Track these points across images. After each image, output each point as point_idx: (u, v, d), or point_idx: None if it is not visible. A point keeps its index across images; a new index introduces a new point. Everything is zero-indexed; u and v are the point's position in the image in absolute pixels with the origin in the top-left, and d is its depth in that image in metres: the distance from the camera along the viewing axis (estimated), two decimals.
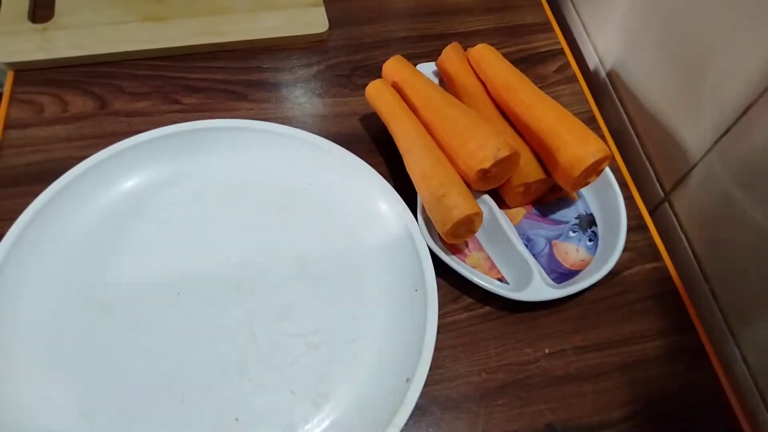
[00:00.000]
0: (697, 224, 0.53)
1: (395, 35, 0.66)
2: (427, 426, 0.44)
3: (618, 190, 0.53)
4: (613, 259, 0.50)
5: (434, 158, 0.49)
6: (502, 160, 0.47)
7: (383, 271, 0.49)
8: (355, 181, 0.52)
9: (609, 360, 0.48)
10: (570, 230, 0.53)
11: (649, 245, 0.54)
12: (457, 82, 0.56)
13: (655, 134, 0.58)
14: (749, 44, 0.45)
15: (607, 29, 0.64)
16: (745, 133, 0.46)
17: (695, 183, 0.53)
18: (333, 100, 0.60)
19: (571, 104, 0.62)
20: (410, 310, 0.46)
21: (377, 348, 0.45)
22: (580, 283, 0.49)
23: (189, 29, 0.62)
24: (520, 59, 0.65)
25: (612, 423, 0.45)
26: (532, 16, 0.69)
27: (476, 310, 0.49)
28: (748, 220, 0.46)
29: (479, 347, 0.48)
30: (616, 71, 0.63)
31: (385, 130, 0.54)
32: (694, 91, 0.51)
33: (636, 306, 0.51)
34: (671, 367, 0.48)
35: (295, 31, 0.64)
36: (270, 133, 0.53)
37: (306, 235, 0.50)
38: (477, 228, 0.48)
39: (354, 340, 0.46)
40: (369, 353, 0.45)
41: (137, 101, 0.58)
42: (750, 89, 0.45)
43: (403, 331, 0.45)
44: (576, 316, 0.50)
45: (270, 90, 0.61)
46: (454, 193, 0.47)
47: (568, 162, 0.48)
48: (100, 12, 0.62)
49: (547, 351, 0.48)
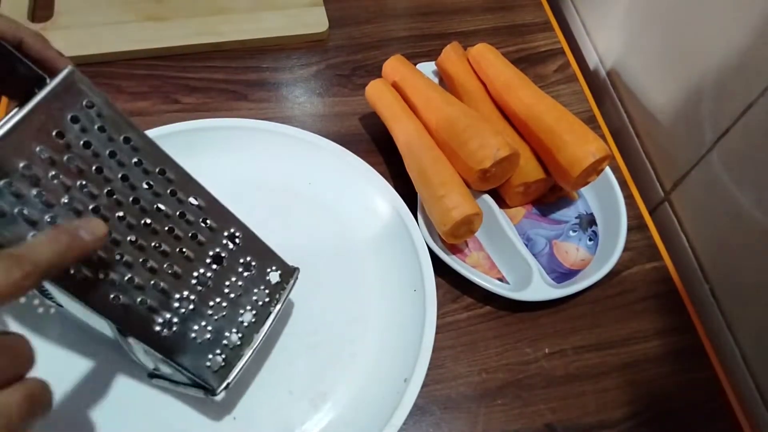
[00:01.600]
0: (697, 224, 0.53)
1: (395, 35, 0.66)
2: (427, 426, 0.44)
3: (618, 189, 0.53)
4: (613, 259, 0.50)
5: (434, 158, 0.49)
6: (501, 160, 0.47)
7: (382, 271, 0.49)
8: (354, 181, 0.52)
9: (609, 360, 0.48)
10: (570, 230, 0.53)
11: (649, 245, 0.54)
12: (457, 82, 0.56)
13: (655, 134, 0.58)
14: (749, 44, 0.45)
15: (607, 29, 0.64)
16: (745, 133, 0.46)
17: (695, 183, 0.53)
18: (333, 100, 0.60)
19: (571, 104, 0.62)
20: (409, 310, 0.46)
21: (375, 348, 0.45)
22: (580, 283, 0.49)
23: (188, 29, 0.62)
24: (520, 59, 0.65)
25: (612, 423, 0.45)
26: (532, 16, 0.69)
27: (476, 310, 0.49)
28: (748, 219, 0.46)
29: (479, 347, 0.48)
30: (616, 71, 0.63)
31: (385, 130, 0.54)
32: (694, 90, 0.51)
33: (636, 306, 0.51)
34: (671, 367, 0.48)
35: (295, 31, 0.64)
36: (270, 132, 0.53)
37: (305, 234, 0.50)
38: (477, 228, 0.48)
39: (352, 341, 0.46)
40: (367, 353, 0.45)
41: (137, 101, 0.58)
42: (750, 89, 0.45)
43: (402, 332, 0.45)
44: (576, 315, 0.50)
45: (270, 90, 0.61)
46: (454, 193, 0.47)
47: (568, 161, 0.48)
48: (99, 12, 0.62)
49: (547, 351, 0.48)
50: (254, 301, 0.40)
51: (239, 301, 0.39)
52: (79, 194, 0.33)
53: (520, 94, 0.52)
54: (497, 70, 0.54)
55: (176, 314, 0.36)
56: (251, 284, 0.40)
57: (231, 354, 0.38)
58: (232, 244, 0.39)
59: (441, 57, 0.59)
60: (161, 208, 0.36)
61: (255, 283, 0.40)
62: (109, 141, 0.34)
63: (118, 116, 0.35)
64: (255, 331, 0.39)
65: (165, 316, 0.36)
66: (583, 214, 0.54)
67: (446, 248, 0.50)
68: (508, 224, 0.51)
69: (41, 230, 0.31)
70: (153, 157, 0.36)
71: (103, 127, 0.34)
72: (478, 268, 0.51)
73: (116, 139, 0.34)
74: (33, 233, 0.31)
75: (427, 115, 0.52)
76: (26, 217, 0.31)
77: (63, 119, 0.32)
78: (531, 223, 0.53)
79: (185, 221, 0.37)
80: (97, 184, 0.34)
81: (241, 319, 0.39)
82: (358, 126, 0.59)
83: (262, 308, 0.40)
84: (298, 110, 0.59)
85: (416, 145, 0.50)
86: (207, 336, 0.37)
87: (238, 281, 0.39)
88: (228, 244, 0.39)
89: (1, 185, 0.30)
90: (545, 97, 0.51)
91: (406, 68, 0.55)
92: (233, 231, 0.39)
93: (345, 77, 0.62)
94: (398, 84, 0.54)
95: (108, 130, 0.34)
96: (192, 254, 0.37)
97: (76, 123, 0.33)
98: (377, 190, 0.51)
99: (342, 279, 0.49)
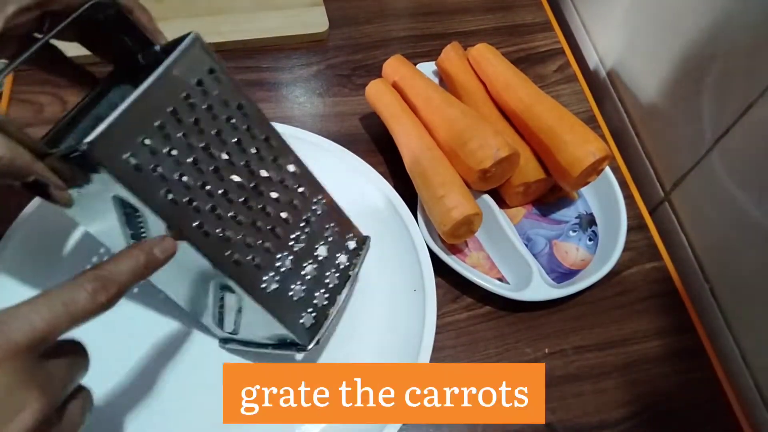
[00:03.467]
0: (697, 224, 0.53)
1: (395, 35, 0.66)
2: (427, 425, 0.44)
3: (618, 189, 0.53)
4: (613, 259, 0.50)
5: (434, 158, 0.49)
6: (501, 160, 0.47)
7: (382, 271, 0.49)
8: (354, 181, 0.52)
9: (609, 360, 0.48)
10: (570, 230, 0.53)
11: (649, 245, 0.54)
12: (457, 82, 0.56)
13: (655, 134, 0.58)
14: (749, 44, 0.45)
15: (607, 29, 0.64)
16: (745, 132, 0.46)
17: (695, 183, 0.53)
18: (333, 100, 0.60)
19: (571, 104, 0.62)
20: (409, 310, 0.46)
21: (375, 348, 0.45)
22: (580, 283, 0.49)
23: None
24: (520, 59, 0.65)
25: (612, 423, 0.45)
26: (532, 16, 0.69)
27: (476, 310, 0.49)
28: (748, 219, 0.46)
29: (479, 347, 0.48)
30: (616, 71, 0.63)
31: (385, 129, 0.54)
32: (694, 90, 0.51)
33: (636, 306, 0.51)
34: (671, 367, 0.48)
35: (295, 31, 0.64)
36: None
37: None
38: (477, 228, 0.48)
39: (352, 340, 0.46)
40: (367, 353, 0.45)
41: None
42: (750, 89, 0.45)
43: (402, 332, 0.45)
44: (576, 315, 0.50)
45: (270, 90, 0.61)
46: (454, 193, 0.47)
47: (568, 161, 0.48)
48: None
49: (547, 351, 0.48)
50: (337, 265, 0.42)
51: (325, 263, 0.41)
52: (201, 155, 0.34)
53: (520, 94, 0.52)
54: (497, 70, 0.54)
55: (278, 273, 0.38)
56: (335, 249, 0.42)
57: (320, 313, 0.40)
58: (320, 210, 0.41)
59: (441, 57, 0.59)
60: (266, 173, 0.38)
61: (338, 248, 0.42)
62: (225, 106, 0.36)
63: (233, 84, 0.36)
64: (338, 293, 0.42)
65: (269, 274, 0.38)
66: (583, 214, 0.54)
67: (446, 248, 0.50)
68: (508, 224, 0.51)
69: (172, 188, 0.33)
70: (260, 125, 0.38)
71: (221, 93, 0.35)
72: (478, 268, 0.51)
73: (231, 105, 0.36)
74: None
75: (427, 115, 0.52)
76: (158, 173, 0.32)
77: (190, 82, 0.34)
78: (531, 223, 0.53)
79: (284, 186, 0.39)
80: (216, 146, 0.35)
81: (327, 281, 0.41)
82: (358, 126, 0.59)
83: (343, 271, 0.42)
84: (298, 110, 0.59)
85: (416, 145, 0.50)
86: (302, 295, 0.40)
87: (325, 245, 0.41)
88: (317, 209, 0.41)
89: (139, 140, 0.31)
90: (545, 97, 0.51)
91: (406, 68, 0.55)
92: (321, 198, 0.42)
93: (345, 77, 0.62)
94: (398, 84, 0.54)
95: (226, 95, 0.36)
96: (290, 218, 0.39)
97: (200, 86, 0.34)
98: (377, 190, 0.51)
99: None
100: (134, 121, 0.31)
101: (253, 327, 0.41)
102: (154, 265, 0.31)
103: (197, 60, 0.34)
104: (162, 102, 0.32)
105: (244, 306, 0.39)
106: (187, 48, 0.34)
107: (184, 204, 0.33)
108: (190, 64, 0.34)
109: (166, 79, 0.32)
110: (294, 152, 0.40)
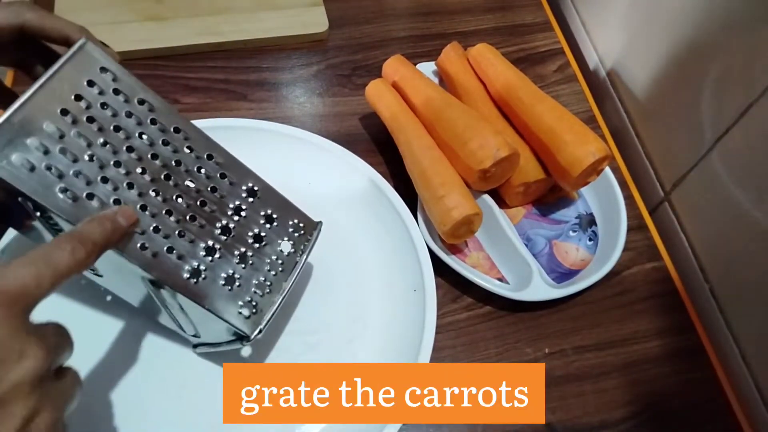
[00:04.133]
0: (697, 224, 0.53)
1: (395, 35, 0.66)
2: (428, 426, 0.44)
3: (618, 189, 0.53)
4: (613, 259, 0.50)
5: (434, 158, 0.49)
6: (501, 160, 0.47)
7: (382, 271, 0.49)
8: (354, 181, 0.52)
9: (609, 360, 0.48)
10: (570, 230, 0.53)
11: (649, 245, 0.54)
12: (457, 82, 0.56)
13: (655, 134, 0.58)
14: (749, 44, 0.45)
15: (607, 29, 0.64)
16: (745, 133, 0.46)
17: (695, 183, 0.53)
18: (333, 100, 0.60)
19: (571, 104, 0.62)
20: (409, 310, 0.46)
21: (375, 348, 0.45)
22: (580, 283, 0.49)
23: (189, 29, 0.62)
24: (520, 59, 0.65)
25: (612, 423, 0.45)
26: (532, 16, 0.69)
27: (476, 310, 0.49)
28: (748, 220, 0.46)
29: (479, 347, 0.48)
30: (616, 71, 0.63)
31: (385, 130, 0.54)
32: (694, 90, 0.51)
33: (636, 306, 0.51)
34: (671, 367, 0.48)
35: (295, 31, 0.64)
36: (270, 132, 0.53)
37: None
38: (477, 228, 0.48)
39: (352, 340, 0.46)
40: (367, 353, 0.45)
41: None
42: (750, 89, 0.45)
43: (402, 332, 0.45)
44: (576, 315, 0.50)
45: (270, 90, 0.61)
46: (454, 193, 0.47)
47: (567, 161, 0.48)
48: (100, 12, 0.62)
49: (547, 351, 0.48)
50: (279, 252, 0.42)
51: (264, 250, 0.41)
52: (101, 151, 0.35)
53: (520, 94, 0.52)
54: (497, 70, 0.54)
55: (203, 262, 0.38)
56: (275, 235, 0.42)
57: (262, 301, 0.40)
58: (252, 197, 0.41)
59: (441, 57, 0.59)
60: (180, 162, 0.38)
61: (279, 235, 0.42)
62: (125, 102, 0.37)
63: (132, 80, 0.37)
64: (283, 279, 0.41)
65: (192, 264, 0.38)
66: (583, 214, 0.54)
67: (446, 248, 0.50)
68: (508, 224, 0.51)
69: (68, 185, 0.34)
70: (168, 117, 0.38)
71: (118, 89, 0.36)
72: (478, 268, 0.51)
73: (132, 101, 0.37)
74: (61, 186, 0.33)
75: (427, 115, 0.52)
76: (52, 172, 0.33)
77: (80, 83, 0.35)
78: (531, 223, 0.53)
79: (204, 175, 0.39)
80: (116, 141, 0.36)
81: (268, 268, 0.41)
82: (358, 126, 0.59)
83: (288, 258, 0.42)
84: (298, 110, 0.59)
85: (416, 145, 0.50)
86: (236, 284, 0.39)
87: (261, 232, 0.41)
88: (247, 197, 0.41)
89: (29, 142, 0.33)
90: (545, 97, 0.51)
91: (406, 68, 0.55)
92: (251, 185, 0.42)
93: (345, 77, 0.62)
94: (398, 84, 0.54)
95: (123, 92, 0.37)
96: (214, 206, 0.39)
97: (92, 86, 0.35)
98: (377, 190, 0.51)
99: (342, 279, 0.49)
100: (19, 125, 0.32)
101: (205, 325, 0.41)
102: (120, 231, 0.33)
103: (86, 62, 0.35)
104: (49, 104, 0.34)
105: (181, 302, 0.39)
106: (74, 52, 0.35)
107: (84, 199, 0.34)
108: (79, 66, 0.35)
109: (51, 84, 0.34)
110: (215, 142, 0.40)
